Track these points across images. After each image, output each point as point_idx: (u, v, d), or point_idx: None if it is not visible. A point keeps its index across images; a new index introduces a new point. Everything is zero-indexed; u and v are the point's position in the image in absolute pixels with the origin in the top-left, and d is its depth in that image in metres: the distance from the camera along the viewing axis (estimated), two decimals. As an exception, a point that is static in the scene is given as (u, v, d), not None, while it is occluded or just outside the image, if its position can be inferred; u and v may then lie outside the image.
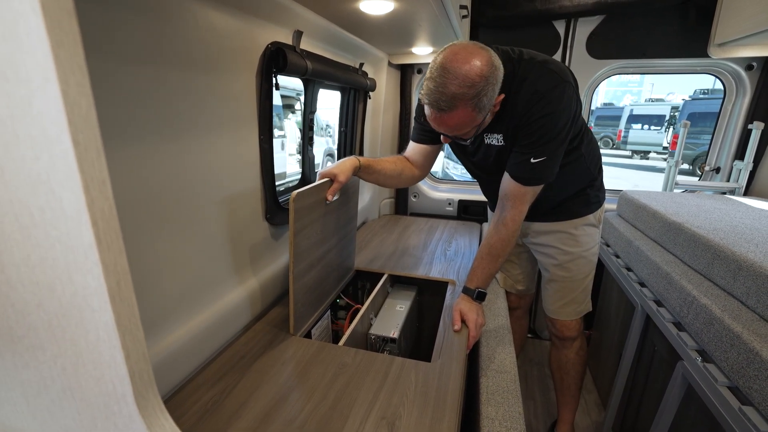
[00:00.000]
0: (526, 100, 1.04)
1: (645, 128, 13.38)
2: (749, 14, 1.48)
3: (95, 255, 0.28)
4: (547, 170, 1.10)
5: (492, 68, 0.95)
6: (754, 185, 1.92)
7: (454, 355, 1.05)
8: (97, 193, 0.27)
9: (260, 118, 1.10)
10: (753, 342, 0.88)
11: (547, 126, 1.04)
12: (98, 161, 0.27)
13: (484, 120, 1.04)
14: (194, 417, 0.81)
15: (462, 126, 1.01)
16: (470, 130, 1.05)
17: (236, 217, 1.08)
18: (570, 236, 1.36)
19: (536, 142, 1.06)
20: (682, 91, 18.66)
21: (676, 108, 12.81)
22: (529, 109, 1.04)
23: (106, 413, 0.34)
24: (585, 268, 1.40)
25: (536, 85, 1.03)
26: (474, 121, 1.01)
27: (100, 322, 0.30)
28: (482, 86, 0.93)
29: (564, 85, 1.03)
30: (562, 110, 1.04)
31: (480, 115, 0.99)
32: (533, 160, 1.07)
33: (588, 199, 1.35)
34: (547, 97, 1.02)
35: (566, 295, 1.43)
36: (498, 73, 0.97)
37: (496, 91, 0.99)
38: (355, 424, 0.80)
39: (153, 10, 0.73)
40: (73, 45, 0.24)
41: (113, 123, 0.70)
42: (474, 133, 1.08)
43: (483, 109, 0.98)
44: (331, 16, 1.25)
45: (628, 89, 23.01)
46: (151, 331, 0.83)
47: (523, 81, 1.04)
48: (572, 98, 1.06)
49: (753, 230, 1.27)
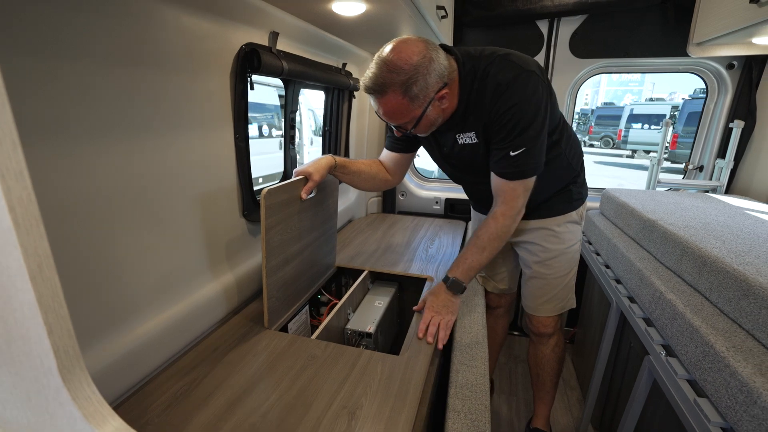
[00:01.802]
0: (490, 94, 1.05)
1: (645, 127, 13.37)
2: (725, 13, 1.50)
3: (14, 238, 0.31)
4: (529, 161, 1.09)
5: (423, 58, 0.97)
6: (735, 183, 1.94)
7: (422, 349, 1.07)
8: (14, 182, 0.30)
9: (235, 118, 1.13)
10: (709, 335, 0.90)
11: (517, 116, 1.04)
12: (14, 153, 0.30)
13: (427, 114, 1.05)
14: (163, 405, 0.84)
15: (397, 114, 1.03)
16: (409, 120, 1.06)
17: (212, 214, 1.11)
18: (553, 233, 1.36)
19: (510, 135, 1.07)
20: (683, 90, 18.59)
21: (676, 107, 12.80)
22: (495, 103, 1.05)
23: (37, 386, 0.37)
24: (567, 265, 1.40)
25: (497, 77, 1.04)
26: (410, 111, 1.02)
27: (24, 301, 0.33)
28: (411, 73, 0.96)
29: (526, 74, 1.04)
30: (529, 98, 1.04)
31: (414, 104, 1.01)
32: (512, 153, 1.08)
33: (571, 196, 1.35)
34: (511, 88, 1.03)
35: (547, 292, 1.44)
36: (432, 65, 0.99)
37: (430, 82, 1.00)
38: (317, 413, 0.83)
39: (123, 14, 0.76)
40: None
41: (85, 122, 0.73)
42: (416, 127, 1.07)
43: (416, 98, 1.00)
44: (306, 17, 1.28)
45: (628, 89, 22.96)
46: (122, 321, 0.86)
47: (486, 76, 1.06)
48: (538, 86, 1.05)
49: (724, 227, 1.29)
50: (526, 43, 2.05)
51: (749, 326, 0.89)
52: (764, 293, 0.86)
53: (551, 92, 1.14)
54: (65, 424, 0.38)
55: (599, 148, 15.43)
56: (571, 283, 1.46)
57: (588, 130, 16.32)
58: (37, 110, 0.65)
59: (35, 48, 0.63)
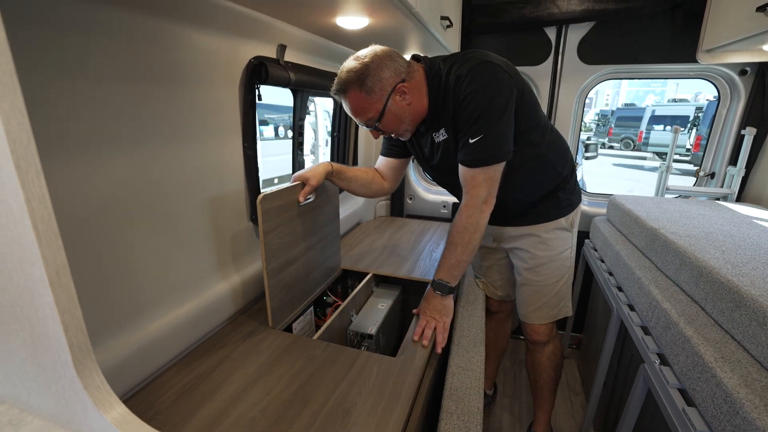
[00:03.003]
0: (453, 86, 1.12)
1: (668, 129, 13.01)
2: (733, 21, 1.49)
3: (37, 251, 0.37)
4: (488, 148, 1.10)
5: (374, 57, 1.09)
6: (747, 191, 1.90)
7: (417, 352, 1.11)
8: (37, 204, 0.36)
9: (244, 127, 1.19)
10: (699, 345, 0.91)
11: (474, 103, 1.08)
12: (38, 180, 0.36)
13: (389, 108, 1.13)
14: (170, 399, 0.90)
15: (360, 108, 1.13)
16: (373, 115, 1.14)
17: (221, 218, 1.18)
18: (540, 240, 1.37)
19: (468, 121, 1.10)
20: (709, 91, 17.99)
21: (700, 109, 12.41)
22: (455, 93, 1.11)
23: (55, 376, 0.43)
24: (557, 272, 1.41)
25: (459, 71, 1.11)
26: (371, 104, 1.12)
27: (45, 303, 0.39)
28: (362, 70, 1.08)
29: (483, 64, 1.09)
30: (487, 85, 1.07)
31: (372, 97, 1.10)
32: (471, 141, 1.10)
33: (559, 202, 1.35)
34: (468, 77, 1.08)
35: (538, 299, 1.44)
36: (383, 61, 1.09)
37: (384, 76, 1.09)
38: (313, 409, 0.88)
39: (138, 37, 0.83)
40: (13, 96, 0.33)
41: (102, 135, 0.80)
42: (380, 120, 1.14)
43: (371, 90, 1.09)
44: (313, 30, 1.34)
45: (651, 89, 22.35)
46: (134, 319, 0.93)
47: (448, 74, 1.13)
48: (497, 74, 1.08)
49: (726, 237, 1.29)
50: (533, 50, 2.06)
51: (740, 337, 0.90)
52: (755, 305, 0.86)
53: (525, 89, 1.16)
54: (78, 409, 0.43)
55: (619, 149, 15.08)
56: (564, 290, 1.45)
57: (608, 131, 15.97)
58: (64, 125, 0.72)
59: (65, 71, 0.71)
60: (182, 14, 0.91)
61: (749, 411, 0.72)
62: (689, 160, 11.29)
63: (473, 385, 1.06)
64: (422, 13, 1.22)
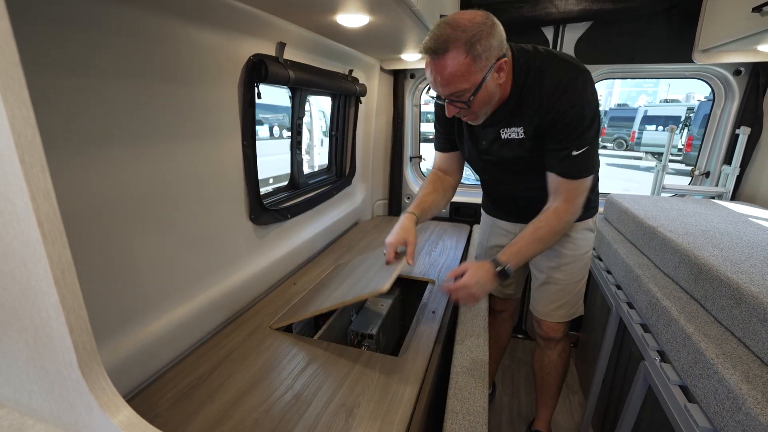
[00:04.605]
0: (550, 91, 1.05)
1: (660, 129, 13.15)
2: (729, 21, 1.50)
3: (42, 249, 0.35)
4: (589, 160, 1.10)
5: (486, 18, 0.97)
6: (741, 190, 1.92)
7: (420, 350, 1.11)
8: (42, 200, 0.35)
9: (243, 126, 1.18)
10: (700, 342, 0.92)
11: (580, 116, 1.05)
12: (42, 175, 0.35)
13: (486, 83, 1.01)
14: (171, 400, 0.89)
15: (457, 76, 0.98)
16: (469, 87, 1.00)
17: (221, 217, 1.16)
18: (569, 239, 1.36)
19: (572, 134, 1.07)
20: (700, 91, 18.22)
21: (691, 109, 12.56)
22: (556, 101, 1.05)
23: (59, 378, 0.41)
24: (581, 271, 1.41)
25: (558, 76, 1.05)
26: (471, 73, 0.98)
27: (49, 303, 0.38)
28: (474, 31, 0.94)
29: (585, 74, 1.06)
30: (589, 99, 1.06)
31: (477, 65, 0.97)
32: (575, 153, 1.08)
33: (589, 203, 1.33)
34: (572, 87, 1.04)
35: (561, 297, 1.43)
36: (495, 29, 0.97)
37: (493, 45, 0.97)
38: (316, 410, 0.87)
39: (138, 34, 0.82)
40: (19, 88, 0.32)
41: (102, 132, 0.78)
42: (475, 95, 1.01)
43: (479, 58, 0.96)
44: (312, 28, 1.33)
45: (643, 90, 22.58)
46: (134, 319, 0.91)
47: (542, 73, 1.06)
48: (593, 87, 1.08)
49: (723, 235, 1.30)
50: None
51: (740, 334, 0.91)
52: (755, 302, 0.87)
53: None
54: (83, 412, 0.42)
55: (612, 150, 15.22)
56: (583, 289, 1.46)
57: (601, 131, 16.08)
58: (63, 122, 0.71)
59: (67, 68, 0.69)
60: (183, 10, 0.90)
61: (752, 407, 0.72)
62: (681, 160, 11.42)
63: (478, 384, 1.06)
64: (422, 11, 1.22)
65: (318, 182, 1.89)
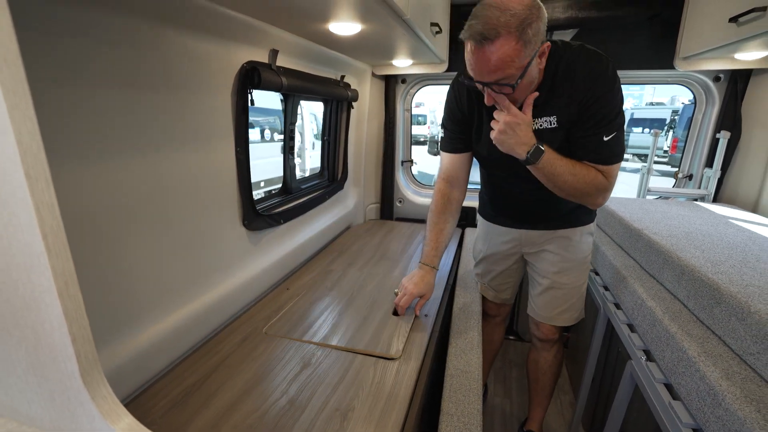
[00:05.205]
0: (583, 78, 1.05)
1: (646, 131, 13.42)
2: (708, 30, 1.56)
3: (46, 261, 0.36)
4: (619, 146, 1.10)
5: (534, 1, 0.93)
6: (722, 192, 1.98)
7: (413, 354, 1.12)
8: (47, 213, 0.36)
9: (236, 132, 1.19)
10: (683, 341, 0.95)
11: (612, 102, 1.06)
12: (47, 189, 0.36)
13: (530, 69, 0.97)
14: (165, 407, 0.89)
15: (507, 62, 0.93)
16: (516, 72, 0.96)
17: (215, 223, 1.17)
18: (571, 243, 1.37)
19: (604, 120, 1.06)
20: (684, 94, 18.63)
21: (676, 112, 12.86)
22: (589, 88, 1.05)
23: (61, 388, 0.42)
24: (583, 275, 1.43)
25: (591, 64, 1.06)
26: (521, 59, 0.94)
27: (53, 314, 0.39)
28: (525, 15, 0.90)
29: (613, 63, 1.07)
30: (619, 87, 1.08)
31: (527, 50, 0.93)
32: (605, 138, 1.07)
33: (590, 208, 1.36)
34: (605, 74, 1.05)
35: (565, 301, 1.44)
36: (542, 11, 0.94)
37: (541, 30, 0.94)
38: (311, 414, 0.88)
39: (133, 42, 0.82)
40: (25, 105, 0.33)
41: (96, 140, 0.79)
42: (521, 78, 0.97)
43: (529, 43, 0.92)
44: (305, 35, 1.34)
45: (629, 92, 23.04)
46: (128, 326, 0.91)
47: (574, 61, 1.07)
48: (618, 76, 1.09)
49: (705, 236, 1.34)
50: None
51: (721, 333, 0.94)
52: (734, 301, 0.91)
53: None
54: (84, 421, 0.43)
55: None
56: (584, 293, 1.47)
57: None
58: (58, 131, 0.71)
59: (61, 77, 0.69)
60: (178, 19, 0.91)
61: (731, 402, 0.75)
62: (667, 161, 11.67)
63: (472, 387, 1.08)
64: (413, 20, 1.24)
65: (310, 187, 1.90)
